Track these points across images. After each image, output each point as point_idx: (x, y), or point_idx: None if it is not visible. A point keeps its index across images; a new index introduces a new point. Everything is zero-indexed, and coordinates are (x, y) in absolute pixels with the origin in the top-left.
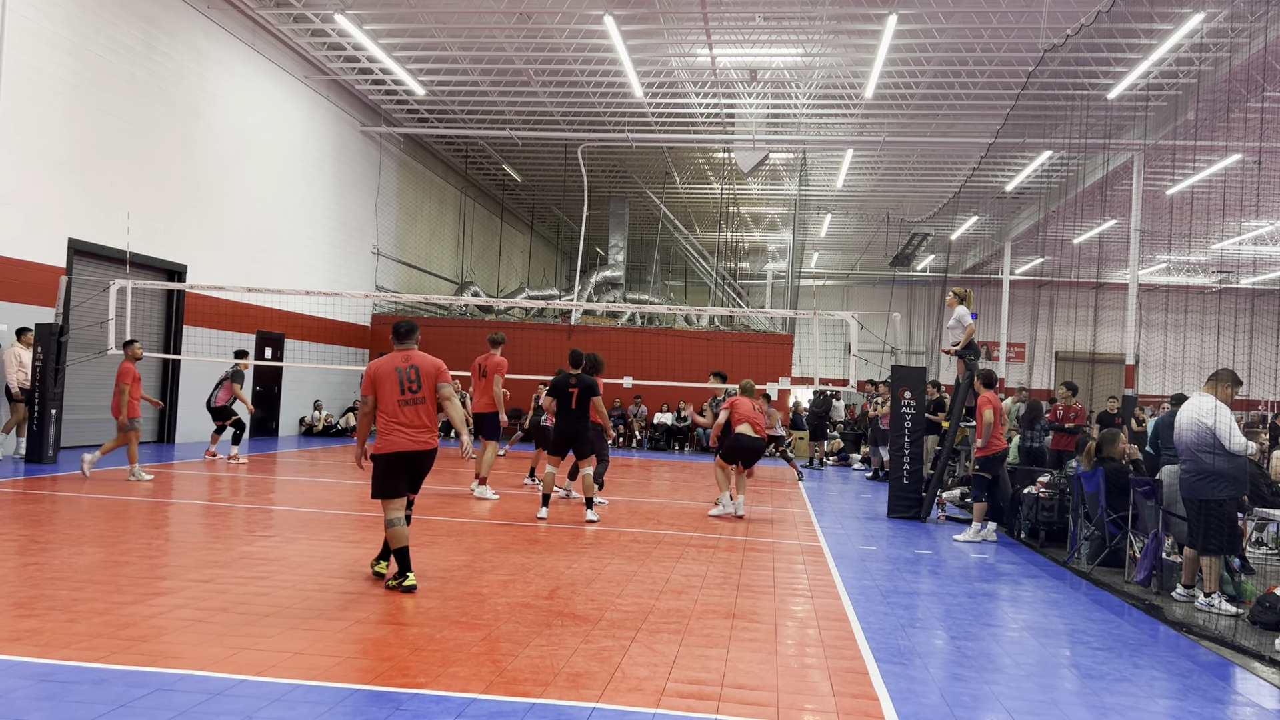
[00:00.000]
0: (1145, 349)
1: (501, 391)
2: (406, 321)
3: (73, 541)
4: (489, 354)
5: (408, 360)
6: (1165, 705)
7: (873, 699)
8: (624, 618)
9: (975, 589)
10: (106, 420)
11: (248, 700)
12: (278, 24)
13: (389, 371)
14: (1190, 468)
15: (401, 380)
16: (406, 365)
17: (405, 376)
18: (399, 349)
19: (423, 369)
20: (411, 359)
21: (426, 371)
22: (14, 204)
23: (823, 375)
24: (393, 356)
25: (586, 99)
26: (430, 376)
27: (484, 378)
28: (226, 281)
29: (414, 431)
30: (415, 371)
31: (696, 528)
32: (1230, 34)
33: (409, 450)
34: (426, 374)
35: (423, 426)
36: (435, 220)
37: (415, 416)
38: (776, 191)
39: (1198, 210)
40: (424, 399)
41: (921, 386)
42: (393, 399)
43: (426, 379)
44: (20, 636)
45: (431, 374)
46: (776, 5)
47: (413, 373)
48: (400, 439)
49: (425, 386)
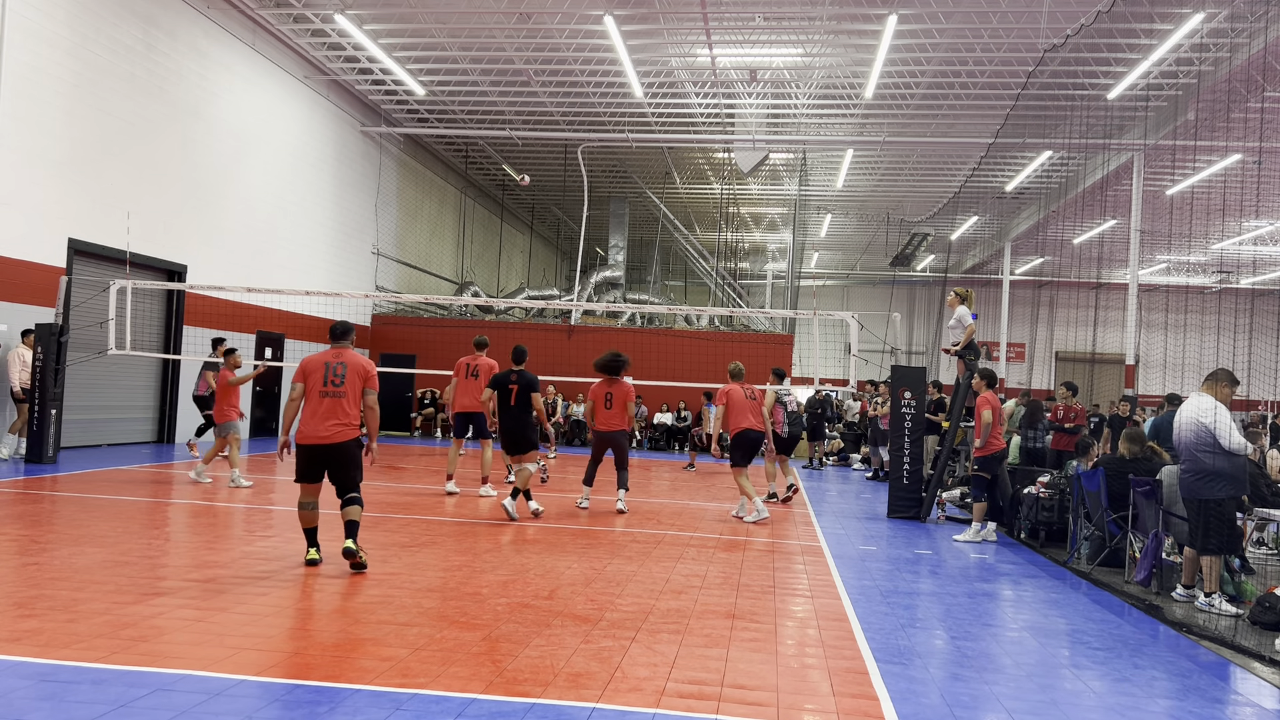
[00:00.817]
0: (1145, 349)
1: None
2: (342, 323)
3: (73, 541)
4: (476, 355)
5: (338, 356)
6: (1165, 705)
7: (873, 699)
8: (624, 618)
9: (975, 589)
10: (107, 420)
11: (248, 700)
12: (278, 24)
13: (319, 364)
14: (1190, 467)
15: (328, 373)
16: (336, 360)
17: (332, 370)
18: (333, 347)
19: (351, 366)
20: (343, 356)
21: (354, 370)
22: (14, 204)
23: (823, 375)
24: (326, 352)
25: (586, 99)
26: (358, 376)
27: (474, 378)
28: (226, 281)
29: (324, 423)
30: (343, 367)
31: (696, 528)
32: (1230, 34)
33: (315, 443)
34: (354, 372)
35: (336, 420)
36: (435, 220)
37: (331, 409)
38: (776, 191)
39: (1198, 210)
40: (344, 394)
41: (921, 386)
42: (316, 390)
43: (353, 376)
44: (20, 636)
45: (360, 374)
46: (776, 5)
47: (340, 368)
48: (309, 429)
49: (349, 383)
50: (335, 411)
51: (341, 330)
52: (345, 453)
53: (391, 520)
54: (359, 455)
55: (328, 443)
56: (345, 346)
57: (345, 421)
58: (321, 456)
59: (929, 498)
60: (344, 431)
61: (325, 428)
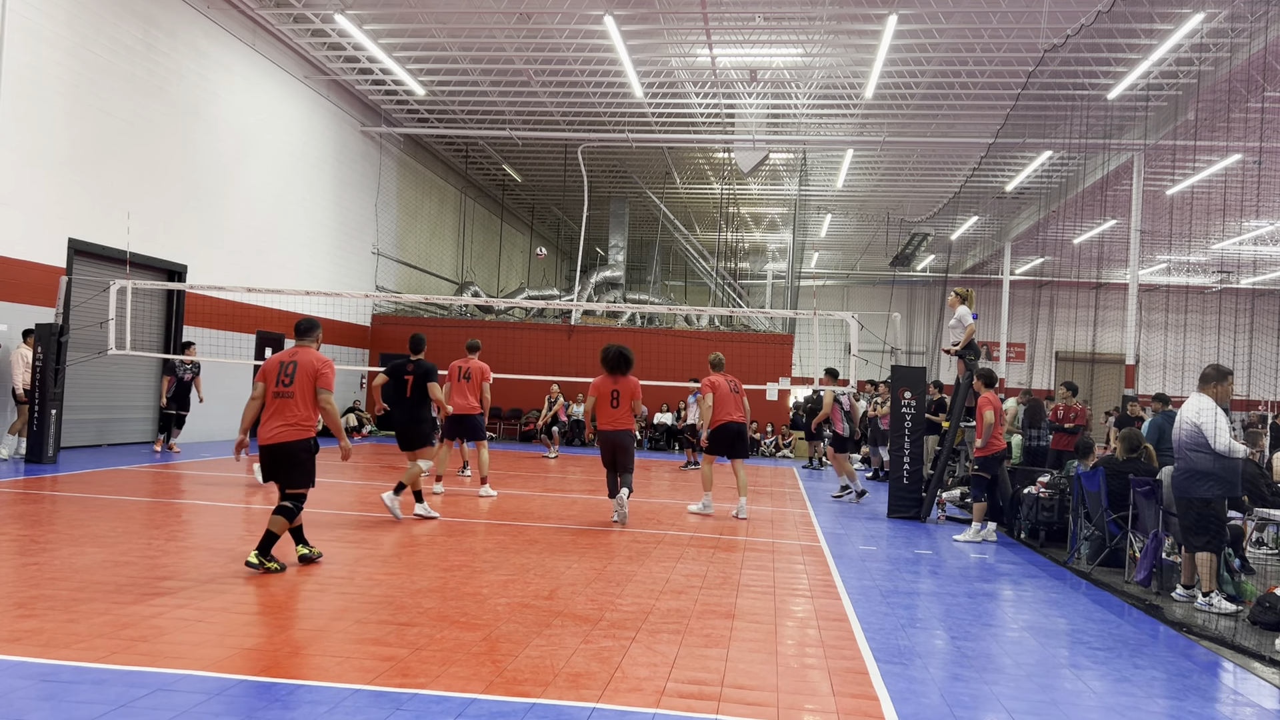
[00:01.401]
0: (1145, 349)
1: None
2: (306, 319)
3: (73, 541)
4: (468, 358)
5: (293, 355)
6: (1165, 705)
7: (873, 699)
8: (624, 618)
9: (975, 589)
10: (107, 420)
11: (248, 700)
12: (278, 24)
13: (275, 364)
14: (1182, 466)
15: (279, 373)
16: (289, 360)
17: (283, 370)
18: (295, 344)
19: (301, 365)
20: (296, 355)
21: (304, 369)
22: (14, 204)
23: (823, 375)
24: (285, 351)
25: (586, 99)
26: (308, 375)
27: (466, 380)
28: (226, 281)
29: (271, 424)
30: (293, 367)
31: (696, 528)
32: (1230, 34)
33: (264, 443)
34: (304, 371)
35: (282, 421)
36: (435, 220)
37: (279, 410)
38: (776, 191)
39: (1198, 210)
40: (293, 394)
41: (922, 386)
42: (270, 390)
43: (302, 376)
44: (20, 636)
45: (310, 373)
46: (776, 5)
47: (291, 368)
48: (262, 431)
49: (298, 382)
50: (282, 412)
51: (304, 327)
52: (287, 454)
53: (392, 520)
54: (304, 458)
55: (272, 443)
56: (307, 345)
57: (291, 422)
58: (269, 458)
59: (929, 498)
60: (287, 432)
61: (270, 429)
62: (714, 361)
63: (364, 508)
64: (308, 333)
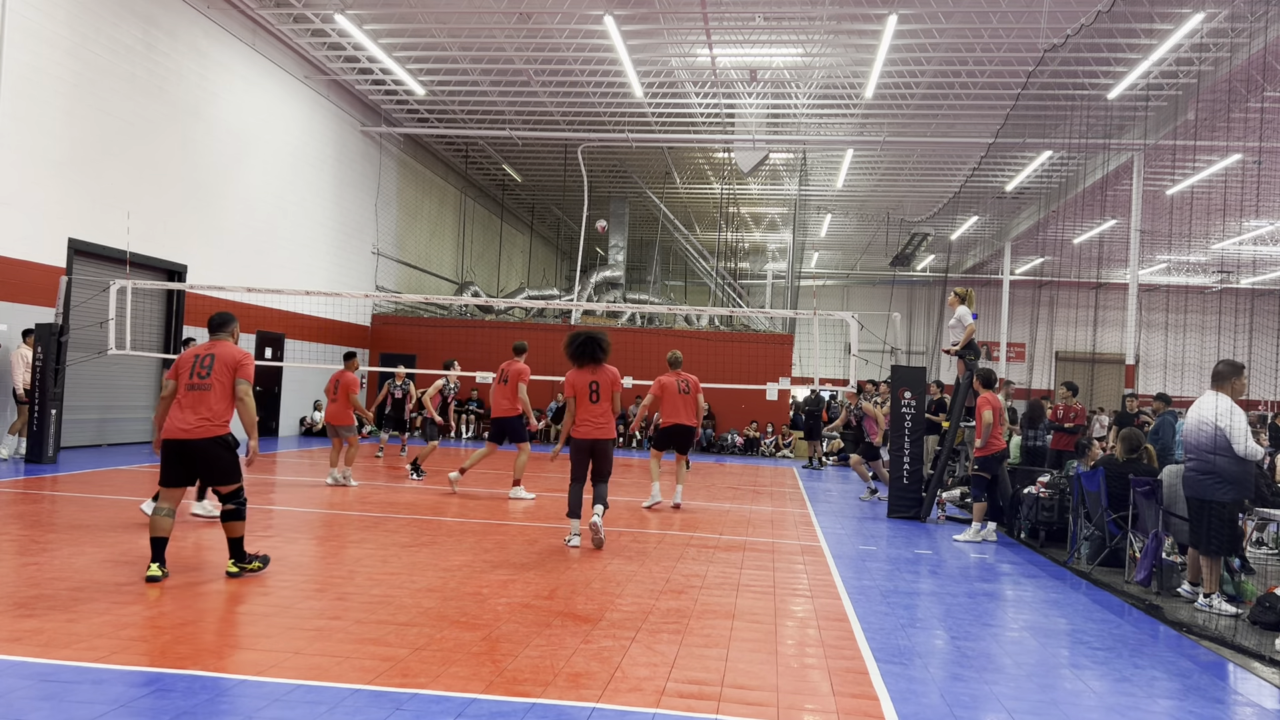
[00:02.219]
0: (1145, 349)
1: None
2: (221, 313)
3: (73, 541)
4: (512, 360)
5: (209, 349)
6: (1165, 705)
7: (873, 699)
8: (624, 618)
9: (975, 589)
10: (107, 420)
11: (248, 700)
12: (278, 24)
13: (189, 358)
14: (1197, 467)
15: (194, 365)
16: (206, 353)
17: (199, 363)
18: (210, 339)
19: (219, 357)
20: (214, 348)
21: (223, 360)
22: (14, 204)
23: (823, 375)
24: (200, 345)
25: (586, 99)
26: (227, 367)
27: (504, 383)
28: (226, 281)
29: (184, 418)
30: (211, 359)
31: (697, 527)
32: (1230, 34)
33: (177, 438)
34: (222, 363)
35: (197, 414)
36: (435, 220)
37: (193, 403)
38: (776, 191)
39: (1198, 210)
40: (210, 386)
41: (922, 386)
42: (184, 383)
43: (221, 367)
44: (20, 636)
45: (230, 365)
46: (776, 5)
47: (208, 359)
48: (171, 425)
49: (216, 374)
50: (196, 406)
51: (218, 322)
52: (205, 450)
53: (392, 520)
54: (222, 453)
55: (187, 438)
56: (222, 339)
57: (209, 418)
58: (182, 453)
59: (929, 498)
60: (204, 429)
61: (184, 424)
62: (671, 360)
63: (364, 508)
64: (222, 326)
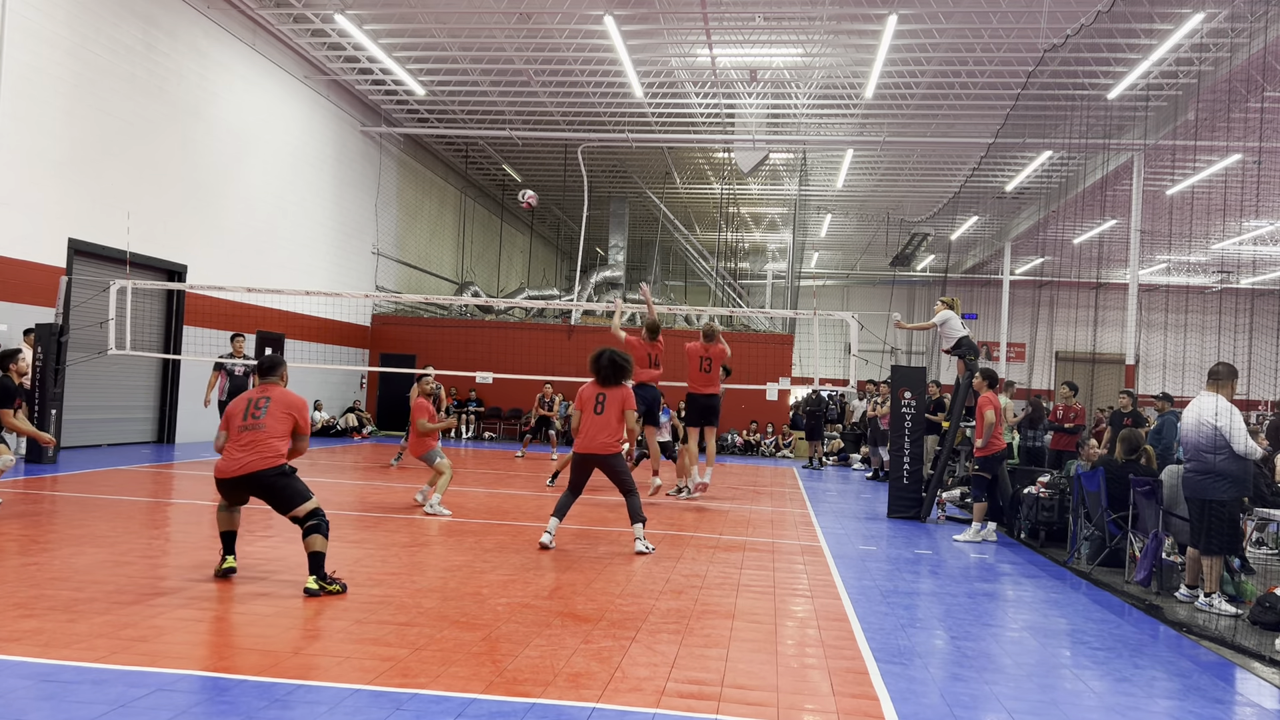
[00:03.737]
0: (1145, 349)
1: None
2: (271, 357)
3: (73, 541)
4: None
5: (263, 392)
6: (1165, 705)
7: (873, 699)
8: (624, 618)
9: (975, 589)
10: (107, 420)
11: (248, 700)
12: (278, 24)
13: (242, 403)
14: (1196, 467)
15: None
16: (260, 396)
17: (253, 405)
18: (261, 383)
19: (275, 400)
20: (268, 391)
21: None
22: (14, 204)
23: (823, 375)
24: (253, 390)
25: (586, 99)
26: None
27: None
28: (226, 281)
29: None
30: (265, 401)
31: (697, 527)
32: (1230, 34)
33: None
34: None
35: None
36: (435, 220)
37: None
38: (776, 191)
39: (1198, 210)
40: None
41: (922, 386)
42: (237, 426)
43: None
44: (20, 636)
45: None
46: (776, 5)
47: (263, 402)
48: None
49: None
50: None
51: (268, 366)
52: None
53: (392, 520)
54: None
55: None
56: (273, 381)
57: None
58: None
59: (929, 498)
60: (257, 462)
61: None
62: (706, 331)
63: (364, 508)
64: (273, 370)
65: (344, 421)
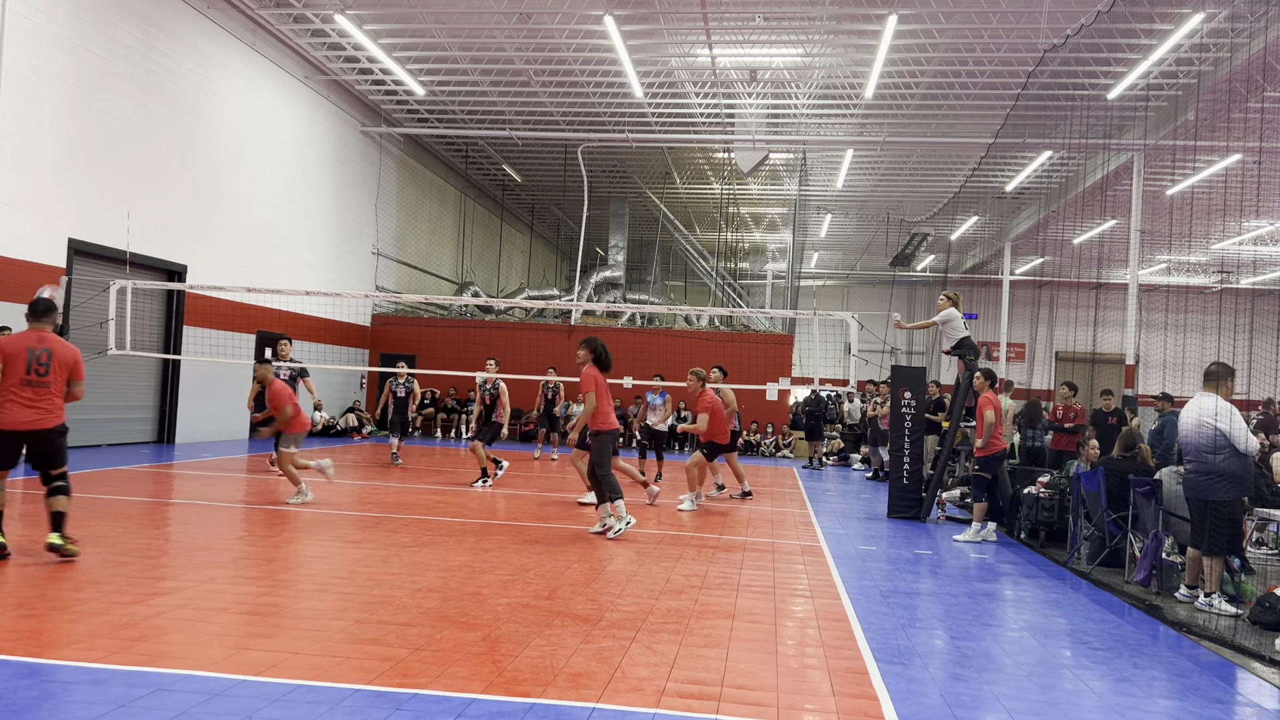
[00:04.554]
0: (1145, 349)
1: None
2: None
3: (72, 542)
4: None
5: (41, 342)
6: (1165, 705)
7: (873, 699)
8: (624, 618)
9: (975, 589)
10: (107, 420)
11: (248, 700)
12: (278, 24)
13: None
14: (1197, 468)
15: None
16: (39, 347)
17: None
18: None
19: (57, 356)
20: (46, 342)
21: (60, 360)
22: (14, 204)
23: (823, 375)
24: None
25: (586, 99)
26: (64, 366)
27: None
28: (226, 281)
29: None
30: (47, 355)
31: (697, 528)
32: (1230, 34)
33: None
34: (60, 362)
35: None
36: (435, 220)
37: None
38: (776, 191)
39: (1198, 210)
40: (49, 384)
41: (921, 386)
42: (19, 378)
43: (59, 367)
44: (20, 636)
45: (67, 364)
46: (776, 5)
47: (45, 356)
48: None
49: (54, 374)
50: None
51: (44, 308)
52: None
53: (392, 520)
54: (61, 443)
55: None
56: (44, 327)
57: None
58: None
59: (929, 498)
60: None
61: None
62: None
63: (364, 508)
64: (46, 313)
65: (344, 422)
